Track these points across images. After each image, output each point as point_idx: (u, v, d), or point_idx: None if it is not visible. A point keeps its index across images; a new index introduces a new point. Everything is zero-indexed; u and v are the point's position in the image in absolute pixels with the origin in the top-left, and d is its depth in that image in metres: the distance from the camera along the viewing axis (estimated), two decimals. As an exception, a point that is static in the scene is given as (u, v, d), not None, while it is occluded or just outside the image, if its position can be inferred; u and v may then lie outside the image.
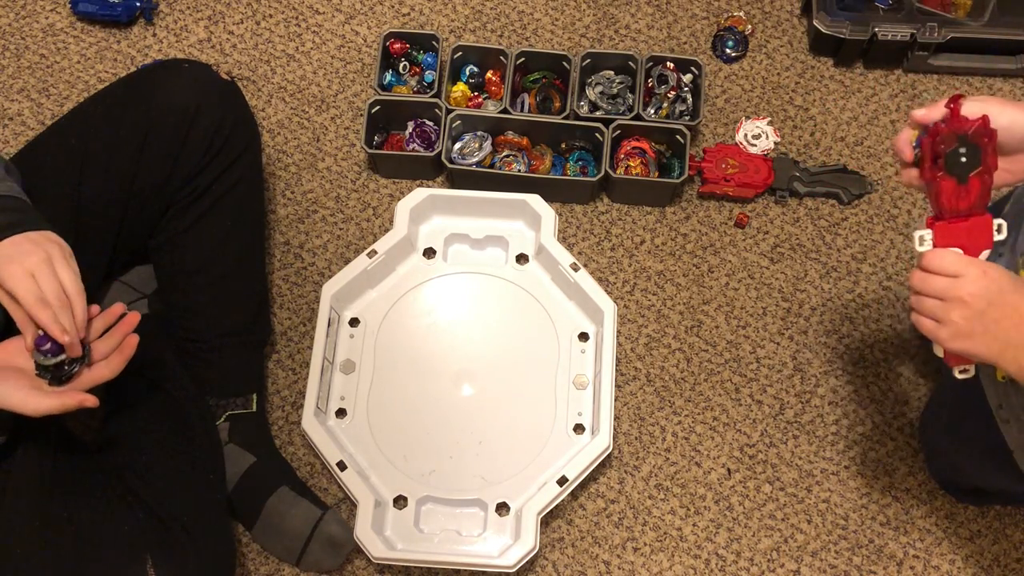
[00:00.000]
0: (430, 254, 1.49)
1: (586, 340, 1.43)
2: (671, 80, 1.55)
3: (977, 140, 0.92)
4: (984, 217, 0.94)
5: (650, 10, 1.68)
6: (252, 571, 1.34)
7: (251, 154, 1.33)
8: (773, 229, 1.53)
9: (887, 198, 1.55)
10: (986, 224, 0.95)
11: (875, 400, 1.43)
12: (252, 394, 1.36)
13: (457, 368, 1.41)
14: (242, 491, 1.31)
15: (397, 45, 1.59)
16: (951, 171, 0.93)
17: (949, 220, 0.95)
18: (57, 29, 1.67)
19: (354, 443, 1.37)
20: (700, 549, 1.36)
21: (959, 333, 0.93)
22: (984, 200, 0.94)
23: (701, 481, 1.39)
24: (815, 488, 1.39)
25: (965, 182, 0.93)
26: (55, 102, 1.62)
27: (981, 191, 0.94)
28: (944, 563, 1.35)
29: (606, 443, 1.31)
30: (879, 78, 1.63)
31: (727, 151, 1.53)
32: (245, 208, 1.34)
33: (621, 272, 1.51)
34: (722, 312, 1.49)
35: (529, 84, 1.59)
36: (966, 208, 0.94)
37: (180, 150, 1.23)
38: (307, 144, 1.60)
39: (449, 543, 1.31)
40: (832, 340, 1.47)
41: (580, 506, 1.38)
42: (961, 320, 0.92)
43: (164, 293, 1.34)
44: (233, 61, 1.65)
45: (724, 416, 1.43)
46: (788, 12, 1.68)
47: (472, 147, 1.52)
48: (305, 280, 1.51)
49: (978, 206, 0.94)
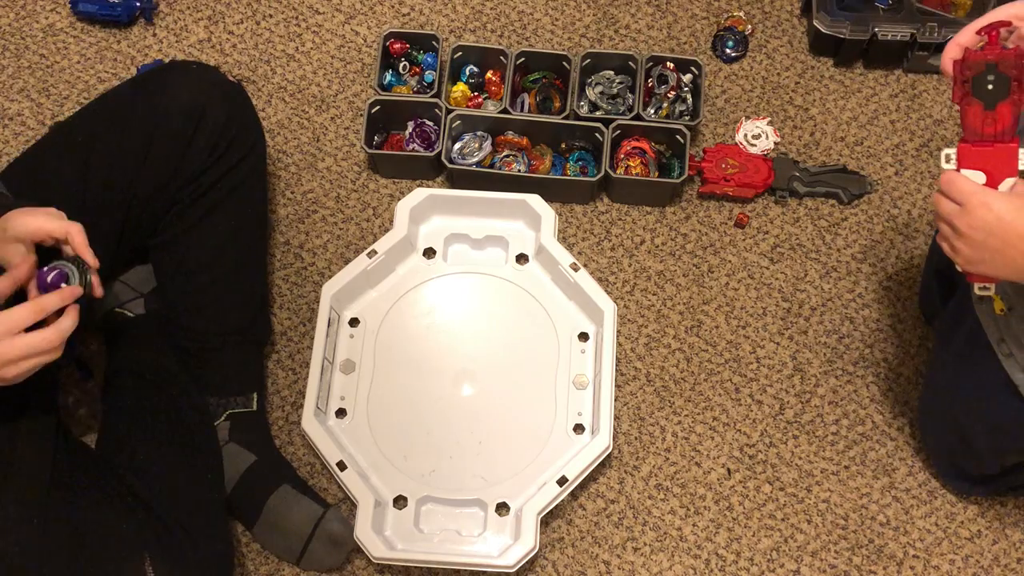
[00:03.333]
0: (430, 254, 1.49)
1: (586, 340, 1.43)
2: (671, 80, 1.55)
3: (1006, 70, 0.93)
4: (1010, 145, 0.96)
5: (650, 10, 1.68)
6: (252, 571, 1.34)
7: (255, 155, 1.34)
8: (773, 229, 1.53)
9: (887, 198, 1.55)
10: (1011, 152, 0.96)
11: (875, 400, 1.43)
12: (253, 393, 1.36)
13: (457, 368, 1.41)
14: (243, 489, 1.31)
15: (397, 45, 1.59)
16: (978, 96, 0.95)
17: (974, 144, 0.96)
18: (57, 29, 1.67)
19: (354, 443, 1.37)
20: (700, 549, 1.36)
21: (970, 259, 0.97)
22: (1012, 129, 0.95)
23: (701, 481, 1.39)
24: (815, 488, 1.39)
25: (992, 108, 0.95)
26: (55, 102, 1.62)
27: (1010, 120, 0.95)
28: (944, 563, 1.35)
29: (606, 443, 1.31)
30: (879, 78, 1.63)
31: (727, 151, 1.53)
32: (248, 208, 1.35)
33: (621, 272, 1.51)
34: (722, 312, 1.49)
35: (529, 84, 1.59)
36: (992, 134, 0.96)
37: (185, 150, 1.24)
38: (307, 144, 1.60)
39: (449, 543, 1.31)
40: (832, 340, 1.47)
41: (580, 506, 1.38)
42: (966, 248, 0.96)
43: (165, 292, 1.34)
44: (233, 61, 1.65)
45: (724, 416, 1.43)
46: (788, 12, 1.68)
47: (472, 147, 1.52)
48: (305, 280, 1.51)
49: (1006, 134, 0.95)
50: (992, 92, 0.95)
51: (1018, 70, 0.94)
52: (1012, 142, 0.96)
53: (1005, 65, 0.94)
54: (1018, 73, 0.94)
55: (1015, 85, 0.94)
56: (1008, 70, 0.94)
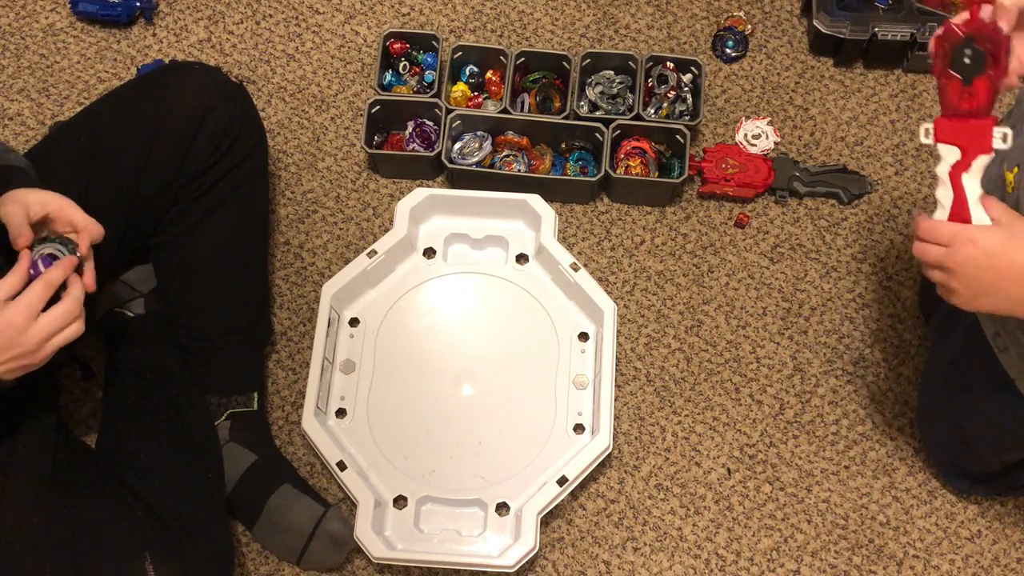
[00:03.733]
0: (430, 254, 1.49)
1: (586, 340, 1.43)
2: (671, 80, 1.55)
3: (982, 44, 0.94)
4: (985, 121, 0.96)
5: (650, 10, 1.68)
6: (252, 571, 1.34)
7: (257, 155, 1.34)
8: (773, 229, 1.53)
9: (887, 198, 1.55)
10: (986, 128, 0.96)
11: (875, 400, 1.43)
12: (254, 393, 1.36)
13: (457, 368, 1.41)
14: (244, 489, 1.31)
15: (397, 45, 1.59)
16: (956, 70, 0.95)
17: (951, 118, 0.97)
18: (57, 29, 1.67)
19: (354, 443, 1.37)
20: (700, 549, 1.36)
21: (967, 299, 0.97)
22: (988, 106, 0.96)
23: (701, 481, 1.39)
24: (815, 488, 1.39)
25: (969, 84, 0.95)
26: (55, 102, 1.62)
27: (986, 95, 0.95)
28: (944, 563, 1.35)
29: (606, 443, 1.31)
30: (879, 78, 1.63)
31: (727, 151, 1.53)
32: (249, 208, 1.35)
33: (621, 272, 1.51)
34: (722, 312, 1.49)
35: (529, 84, 1.59)
36: (968, 109, 0.96)
37: (187, 150, 1.25)
38: (307, 144, 1.60)
39: (449, 543, 1.31)
40: (832, 340, 1.47)
41: (580, 506, 1.38)
42: (961, 287, 0.96)
43: (165, 291, 1.34)
44: (233, 61, 1.65)
45: (724, 416, 1.43)
46: (788, 12, 1.68)
47: (472, 147, 1.52)
48: (305, 280, 1.51)
49: (982, 110, 0.96)
50: (969, 67, 0.95)
51: (993, 44, 0.94)
52: (987, 119, 0.96)
53: (981, 39, 0.94)
54: (994, 48, 0.94)
55: (991, 60, 0.94)
56: (984, 44, 0.94)
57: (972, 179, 0.98)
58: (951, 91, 0.96)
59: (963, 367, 1.22)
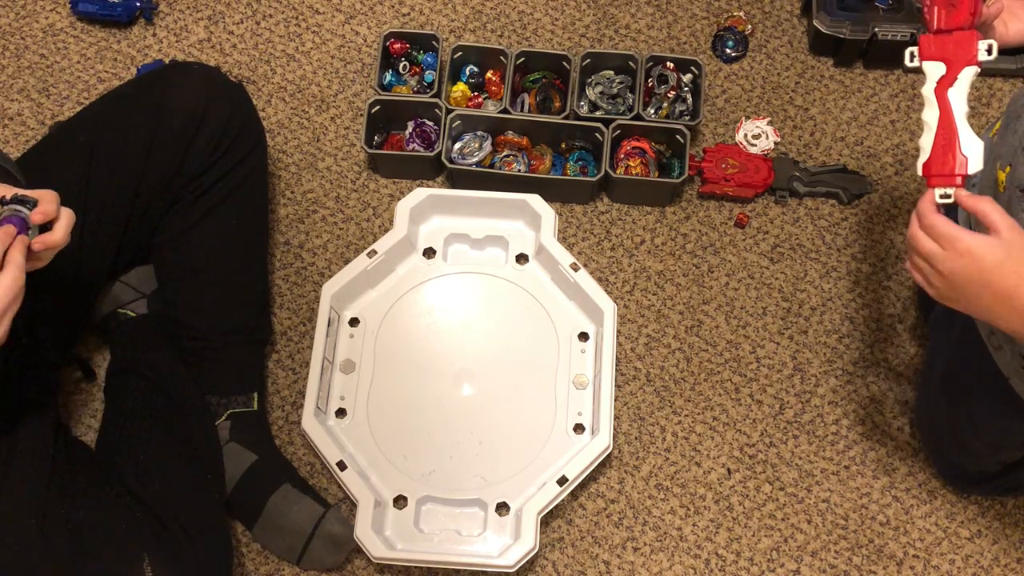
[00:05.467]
0: (430, 254, 1.49)
1: (586, 340, 1.43)
2: (671, 80, 1.55)
3: None
4: (969, 32, 0.97)
5: (650, 10, 1.68)
6: (252, 571, 1.34)
7: (257, 155, 1.34)
8: (773, 229, 1.53)
9: (887, 198, 1.55)
10: (970, 39, 0.97)
11: (875, 400, 1.43)
12: (254, 393, 1.36)
13: (457, 368, 1.41)
14: (244, 489, 1.31)
15: (397, 45, 1.59)
16: None
17: (935, 34, 0.98)
18: (57, 29, 1.67)
19: (354, 443, 1.37)
20: (700, 549, 1.36)
21: (943, 296, 0.98)
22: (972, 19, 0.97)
23: (701, 481, 1.39)
24: (815, 488, 1.39)
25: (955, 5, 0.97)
26: (55, 102, 1.62)
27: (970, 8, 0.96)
28: (944, 563, 1.35)
29: (606, 443, 1.31)
30: (879, 78, 1.63)
31: (727, 151, 1.53)
32: (250, 207, 1.35)
33: (621, 272, 1.51)
34: (722, 312, 1.49)
35: (529, 84, 1.59)
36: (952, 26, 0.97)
37: (187, 150, 1.25)
38: (307, 144, 1.60)
39: (449, 543, 1.31)
40: (832, 340, 1.47)
41: (580, 506, 1.38)
42: (943, 287, 0.96)
43: (166, 291, 1.34)
44: (233, 61, 1.65)
45: (724, 416, 1.43)
46: (788, 12, 1.68)
47: (472, 147, 1.52)
48: (305, 280, 1.51)
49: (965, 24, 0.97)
50: None
51: None
52: (971, 31, 0.97)
53: None
54: None
55: None
56: None
57: (958, 94, 0.98)
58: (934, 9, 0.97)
59: (959, 365, 1.22)
